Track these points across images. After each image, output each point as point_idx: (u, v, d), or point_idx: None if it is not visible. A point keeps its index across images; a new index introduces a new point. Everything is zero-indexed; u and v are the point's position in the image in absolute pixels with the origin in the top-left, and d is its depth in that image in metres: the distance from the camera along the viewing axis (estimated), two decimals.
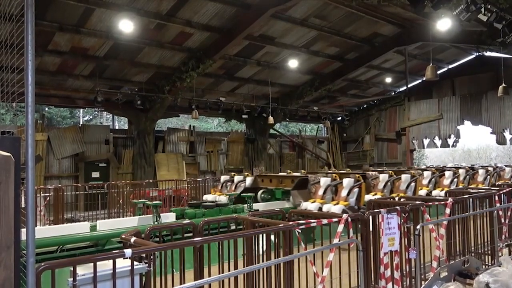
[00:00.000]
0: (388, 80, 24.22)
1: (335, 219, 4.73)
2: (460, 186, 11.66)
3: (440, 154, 23.76)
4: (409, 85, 22.48)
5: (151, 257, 3.40)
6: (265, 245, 4.53)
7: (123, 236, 3.81)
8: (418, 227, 5.39)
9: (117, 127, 26.61)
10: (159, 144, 20.51)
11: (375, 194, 10.09)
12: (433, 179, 11.64)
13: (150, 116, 18.23)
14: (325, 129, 28.35)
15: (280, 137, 26.35)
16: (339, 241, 4.55)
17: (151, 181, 16.11)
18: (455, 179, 11.79)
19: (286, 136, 27.09)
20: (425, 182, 11.41)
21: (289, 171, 14.08)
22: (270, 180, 12.33)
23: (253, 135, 23.58)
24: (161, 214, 8.53)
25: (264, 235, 4.46)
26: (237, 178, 12.51)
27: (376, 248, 5.06)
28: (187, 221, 7.38)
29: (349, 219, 4.72)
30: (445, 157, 23.31)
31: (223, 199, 11.33)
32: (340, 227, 4.60)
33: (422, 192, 11.09)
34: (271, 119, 19.93)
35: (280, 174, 12.82)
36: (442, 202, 6.19)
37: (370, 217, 5.03)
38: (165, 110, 18.71)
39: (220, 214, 9.25)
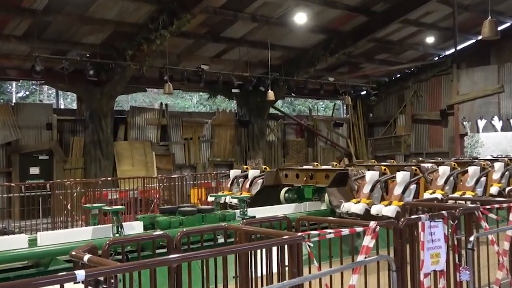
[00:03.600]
0: (430, 40, 24.20)
1: (359, 229, 4.74)
2: None
3: (501, 140, 23.63)
4: (459, 47, 22.46)
5: (112, 280, 3.40)
6: (265, 263, 4.53)
7: (74, 253, 3.82)
8: (471, 238, 5.40)
9: (62, 107, 26.58)
10: (120, 129, 20.50)
11: (434, 192, 10.27)
12: (506, 173, 11.74)
13: (107, 91, 18.17)
14: (345, 107, 28.36)
15: (283, 118, 26.39)
16: (366, 258, 4.55)
17: (109, 179, 16.13)
18: None
19: (292, 118, 27.12)
20: (496, 176, 11.50)
21: (316, 163, 14.03)
22: (296, 175, 12.46)
23: (247, 116, 23.59)
24: (123, 224, 8.57)
25: (264, 250, 4.46)
26: (252, 172, 12.61)
27: (415, 267, 5.08)
28: (159, 232, 7.40)
29: (377, 228, 4.72)
30: (507, 143, 23.24)
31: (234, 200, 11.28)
32: (367, 240, 4.58)
33: (494, 189, 11.21)
34: (271, 94, 19.88)
35: (310, 167, 12.90)
36: (505, 205, 6.21)
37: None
38: (128, 83, 18.68)
39: (204, 223, 9.27)
